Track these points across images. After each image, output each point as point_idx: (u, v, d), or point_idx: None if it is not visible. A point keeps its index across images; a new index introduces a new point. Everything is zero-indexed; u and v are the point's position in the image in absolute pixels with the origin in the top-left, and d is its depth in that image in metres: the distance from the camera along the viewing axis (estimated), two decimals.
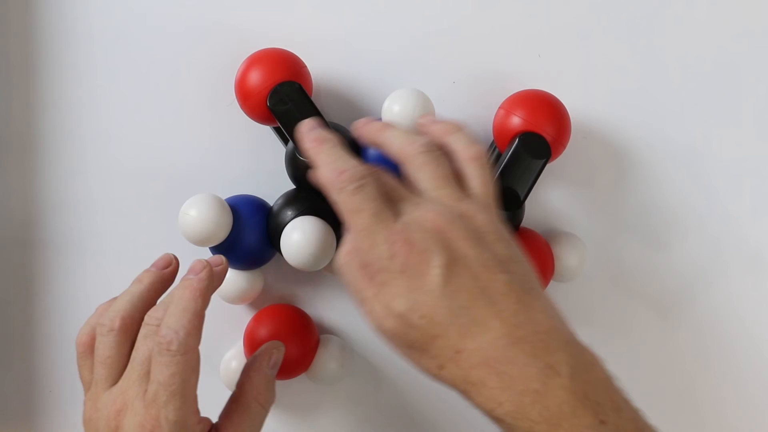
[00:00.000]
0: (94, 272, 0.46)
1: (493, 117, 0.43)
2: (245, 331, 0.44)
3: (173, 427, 0.31)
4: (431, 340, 0.31)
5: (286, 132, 0.40)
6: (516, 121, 0.41)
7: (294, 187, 0.43)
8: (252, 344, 0.43)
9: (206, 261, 0.36)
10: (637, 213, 0.46)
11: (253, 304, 0.46)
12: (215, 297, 0.44)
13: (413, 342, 0.31)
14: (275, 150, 0.45)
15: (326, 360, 0.44)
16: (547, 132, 0.41)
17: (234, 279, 0.43)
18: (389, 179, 0.35)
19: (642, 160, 0.46)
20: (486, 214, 0.33)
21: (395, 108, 0.40)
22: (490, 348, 0.30)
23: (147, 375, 0.32)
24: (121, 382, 0.33)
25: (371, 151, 0.41)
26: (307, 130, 0.36)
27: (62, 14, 0.45)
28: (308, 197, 0.41)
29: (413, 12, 0.45)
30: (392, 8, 0.45)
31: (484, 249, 0.31)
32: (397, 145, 0.35)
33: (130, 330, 0.34)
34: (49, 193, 0.46)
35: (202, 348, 0.47)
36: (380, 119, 0.41)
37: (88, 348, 0.34)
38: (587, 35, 0.45)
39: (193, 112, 0.45)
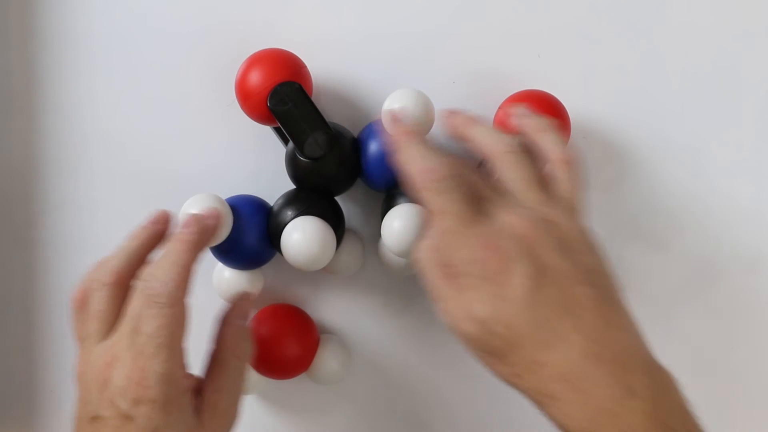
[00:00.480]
0: None
1: (493, 117, 0.43)
2: None
3: (160, 379, 0.31)
4: (511, 349, 0.30)
5: (287, 132, 0.40)
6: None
7: (294, 187, 0.43)
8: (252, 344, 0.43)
9: (197, 215, 0.36)
10: (637, 213, 0.46)
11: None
12: (215, 297, 0.44)
13: (492, 349, 0.31)
14: (275, 150, 0.45)
15: (326, 360, 0.44)
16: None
17: (234, 279, 0.43)
18: (476, 177, 0.34)
19: (642, 160, 0.46)
20: (573, 221, 0.33)
21: (395, 108, 0.40)
22: (569, 363, 0.29)
23: (138, 329, 0.32)
24: (112, 336, 0.33)
25: (371, 148, 0.41)
26: (396, 120, 0.35)
27: (62, 14, 0.45)
28: (308, 197, 0.41)
29: (413, 12, 0.45)
30: (392, 8, 0.45)
31: (569, 259, 0.31)
32: (485, 142, 0.35)
33: (123, 285, 0.34)
34: (49, 193, 0.46)
35: (203, 348, 0.47)
36: (380, 120, 0.41)
37: (82, 304, 0.34)
38: (587, 35, 0.45)
39: (193, 112, 0.45)
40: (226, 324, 0.37)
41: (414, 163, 0.33)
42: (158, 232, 0.36)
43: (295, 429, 0.47)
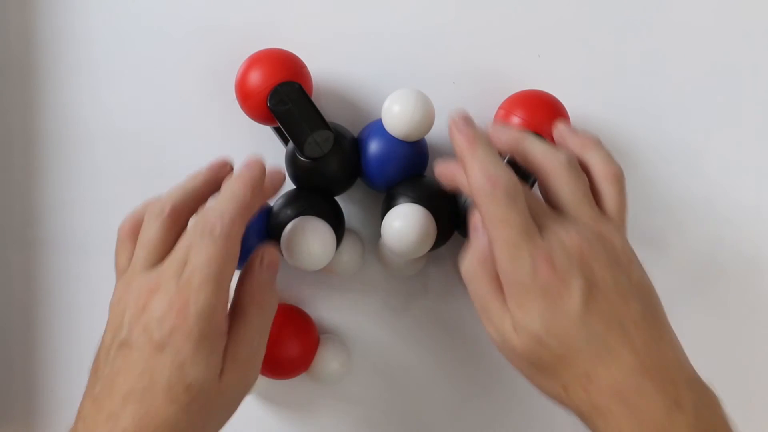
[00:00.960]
0: (95, 272, 0.46)
1: (493, 117, 0.43)
2: None
3: (200, 312, 0.30)
4: (561, 363, 0.31)
5: (287, 132, 0.40)
6: (516, 121, 0.41)
7: (294, 187, 0.43)
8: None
9: (262, 163, 0.35)
10: (637, 213, 0.46)
11: None
12: None
13: (542, 362, 0.31)
14: (275, 150, 0.45)
15: (326, 360, 0.44)
16: (547, 132, 0.41)
17: (234, 279, 0.43)
18: (530, 192, 0.34)
19: (642, 160, 0.46)
20: (621, 236, 0.33)
21: (395, 108, 0.40)
22: (620, 377, 0.30)
23: (187, 260, 0.31)
24: (160, 265, 0.32)
25: (371, 148, 0.41)
26: (461, 125, 0.34)
27: (62, 14, 0.45)
28: (308, 197, 0.41)
29: (413, 12, 0.45)
30: (392, 8, 0.45)
31: (620, 274, 0.32)
32: (539, 156, 0.35)
33: (179, 220, 0.34)
34: (50, 193, 0.46)
35: None
36: (380, 120, 0.41)
37: (130, 234, 0.34)
38: (587, 35, 0.45)
39: (193, 112, 0.45)
40: (250, 273, 0.35)
41: (479, 171, 0.32)
42: (218, 178, 0.36)
43: (295, 429, 0.47)
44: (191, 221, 0.33)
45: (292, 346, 0.43)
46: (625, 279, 0.32)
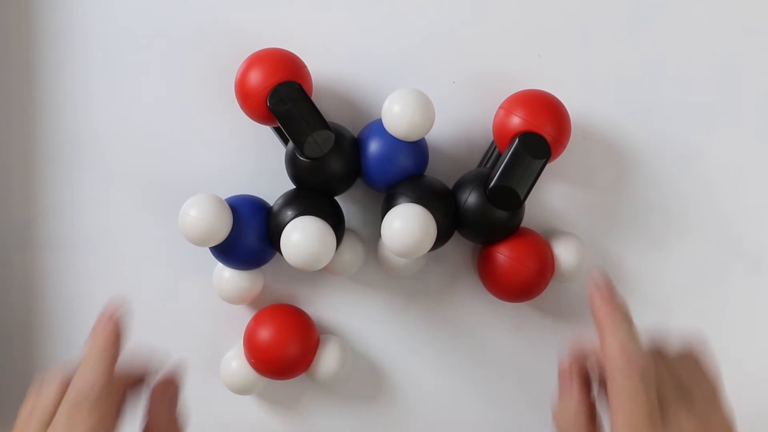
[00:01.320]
0: (95, 272, 0.46)
1: (493, 117, 0.43)
2: (245, 331, 0.44)
3: None
4: None
5: (287, 132, 0.40)
6: (516, 121, 0.41)
7: (294, 187, 0.43)
8: (252, 344, 0.43)
9: (112, 308, 0.36)
10: (637, 213, 0.46)
11: (253, 304, 0.46)
12: (216, 297, 0.44)
13: None
14: (275, 150, 0.45)
15: (326, 360, 0.44)
16: (547, 132, 0.41)
17: (234, 279, 0.43)
18: (660, 370, 0.35)
19: (642, 160, 0.46)
20: (727, 418, 0.35)
21: (395, 108, 0.40)
22: None
23: (69, 429, 0.32)
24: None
25: (371, 148, 0.41)
26: (605, 293, 0.35)
27: (62, 15, 0.45)
28: (308, 197, 0.41)
29: (413, 12, 0.45)
30: (392, 9, 0.45)
31: None
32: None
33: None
34: (49, 193, 0.46)
35: (203, 348, 0.47)
36: (380, 120, 0.41)
37: (37, 389, 0.35)
38: (587, 35, 0.45)
39: (193, 112, 0.45)
40: (155, 399, 0.35)
41: (617, 341, 0.33)
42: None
43: (295, 429, 0.47)
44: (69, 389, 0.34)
45: (292, 346, 0.43)
46: None
